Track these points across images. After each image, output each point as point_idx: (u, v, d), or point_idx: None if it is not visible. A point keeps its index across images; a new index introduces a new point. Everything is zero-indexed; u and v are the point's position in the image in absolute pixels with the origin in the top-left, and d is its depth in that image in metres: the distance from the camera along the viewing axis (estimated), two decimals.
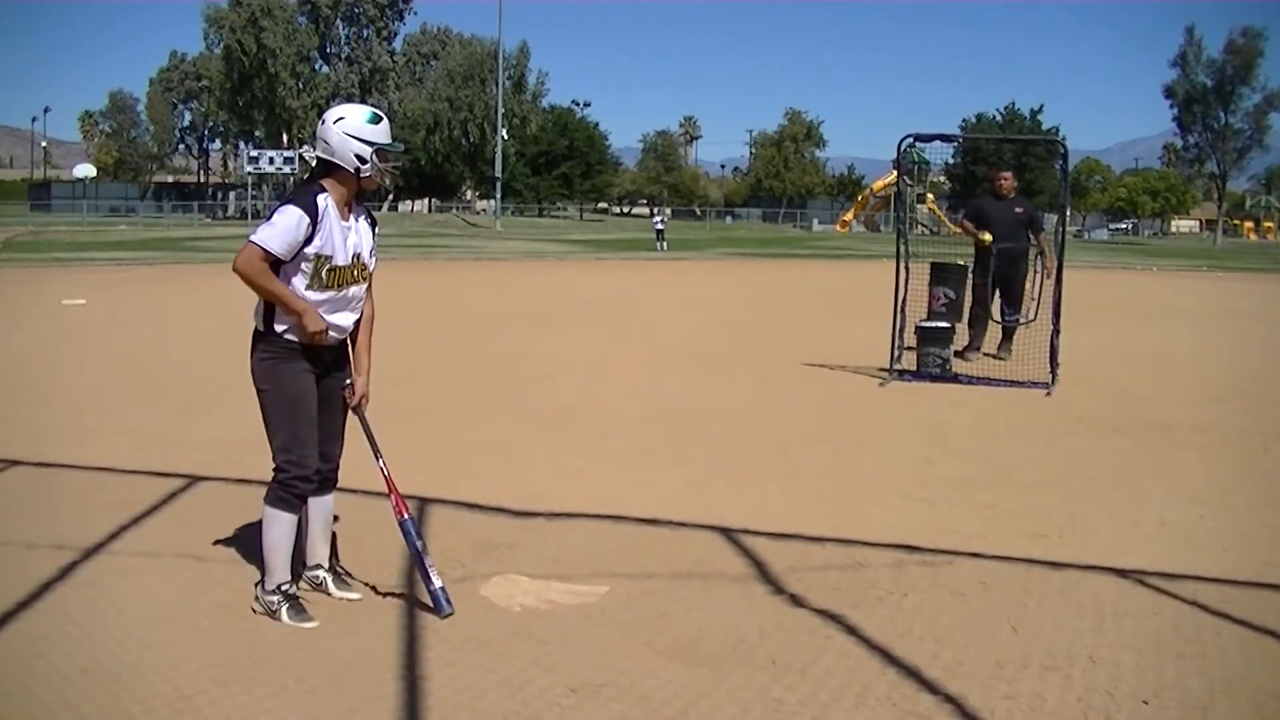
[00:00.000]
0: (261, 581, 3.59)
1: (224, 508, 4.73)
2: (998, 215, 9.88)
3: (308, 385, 3.56)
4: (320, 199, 3.49)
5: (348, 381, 3.72)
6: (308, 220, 3.44)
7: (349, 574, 3.91)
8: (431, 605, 3.57)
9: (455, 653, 3.27)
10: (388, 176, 3.66)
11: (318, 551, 3.80)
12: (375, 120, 3.58)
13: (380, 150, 3.55)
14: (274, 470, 3.55)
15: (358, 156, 3.51)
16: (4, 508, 4.77)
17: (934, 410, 7.63)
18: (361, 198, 3.66)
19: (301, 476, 3.53)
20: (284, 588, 3.55)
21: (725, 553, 4.34)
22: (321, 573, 3.79)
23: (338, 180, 3.54)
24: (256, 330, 3.57)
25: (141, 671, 3.08)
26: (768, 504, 5.09)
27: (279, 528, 3.54)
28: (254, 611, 3.57)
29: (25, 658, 3.16)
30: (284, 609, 3.52)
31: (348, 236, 3.57)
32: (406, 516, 3.70)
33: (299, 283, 3.48)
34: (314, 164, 3.59)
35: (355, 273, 3.61)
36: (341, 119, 3.55)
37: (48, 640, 3.29)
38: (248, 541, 4.22)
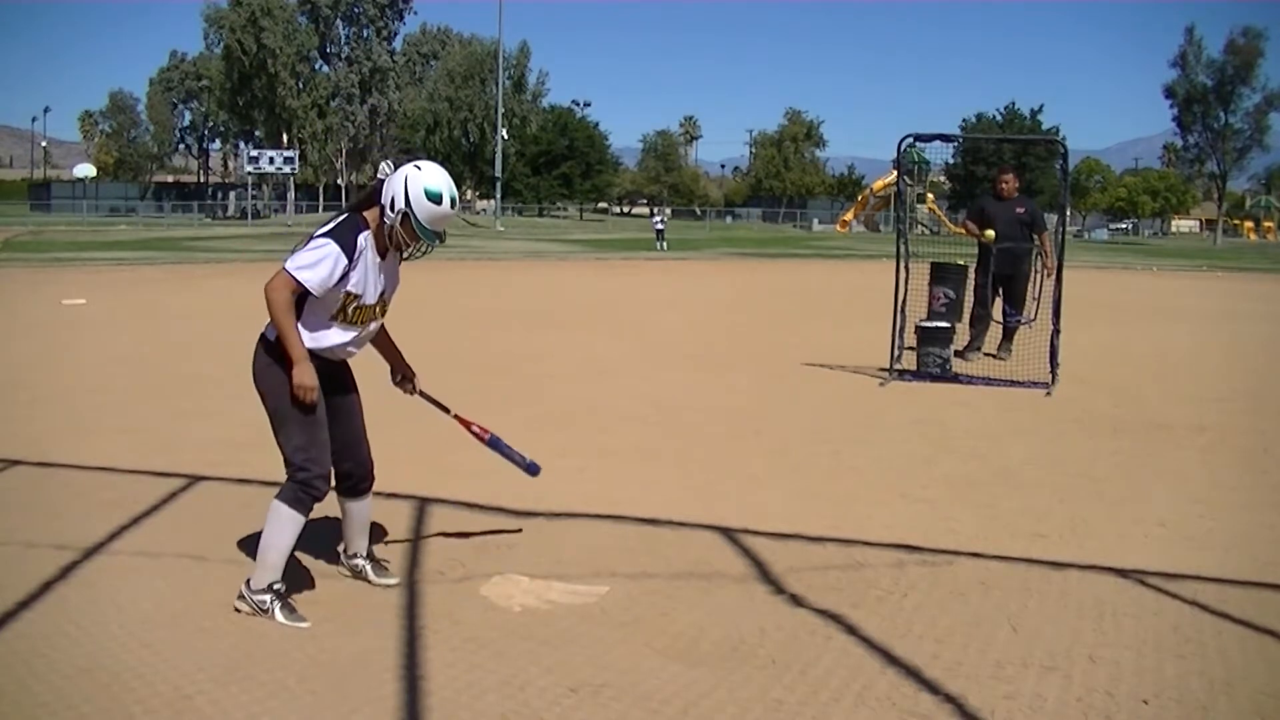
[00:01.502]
0: (249, 580, 3.55)
1: (224, 508, 4.73)
2: (999, 215, 9.87)
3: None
4: (361, 238, 3.47)
5: (400, 377, 4.05)
6: (345, 262, 3.42)
7: (386, 561, 3.98)
8: (526, 473, 4.29)
9: (455, 653, 3.27)
10: (403, 242, 3.52)
11: (356, 542, 3.88)
12: (436, 199, 3.45)
13: (409, 219, 3.45)
14: (293, 470, 3.49)
15: (391, 203, 3.46)
16: (4, 508, 4.77)
17: (934, 410, 7.63)
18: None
19: (321, 475, 3.50)
20: (275, 586, 3.52)
21: (725, 553, 4.34)
22: (360, 560, 3.87)
23: (376, 213, 3.52)
24: (267, 338, 3.53)
25: (141, 671, 3.07)
26: (768, 504, 5.08)
27: (288, 527, 3.49)
28: (236, 610, 3.53)
29: (25, 658, 3.16)
30: (276, 607, 3.49)
31: (380, 276, 3.58)
32: (490, 435, 4.16)
33: (326, 310, 3.50)
34: (376, 179, 3.56)
35: (379, 310, 3.66)
36: (419, 170, 3.48)
37: (48, 640, 3.29)
38: (248, 541, 4.21)
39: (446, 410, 4.17)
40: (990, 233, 9.69)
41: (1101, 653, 3.36)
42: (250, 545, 4.14)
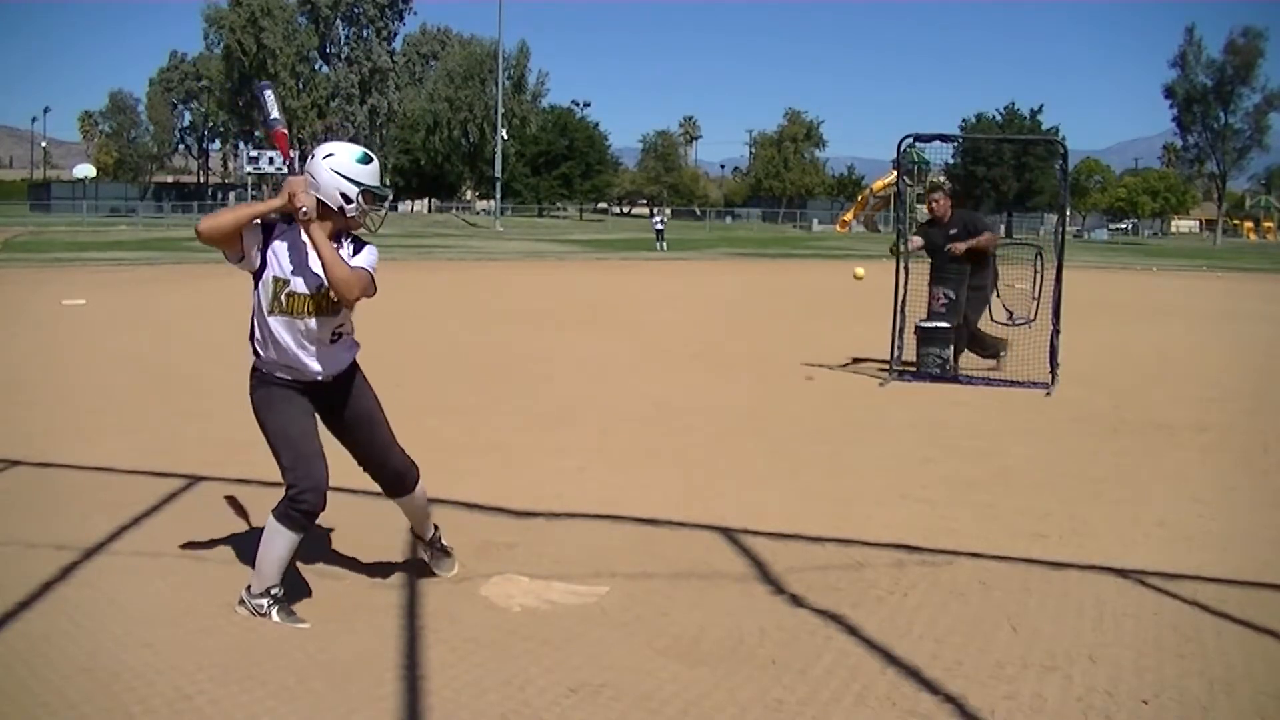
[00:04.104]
0: (249, 585, 3.55)
1: (224, 508, 4.73)
2: (934, 240, 9.34)
3: (295, 399, 3.55)
4: (281, 225, 3.49)
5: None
6: (259, 223, 3.47)
7: (447, 550, 4.03)
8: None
9: (455, 653, 3.27)
10: (375, 219, 3.59)
11: (418, 528, 3.98)
12: (365, 160, 3.54)
13: (367, 191, 3.52)
14: (285, 489, 3.48)
15: (343, 195, 3.47)
16: (4, 508, 4.77)
17: (934, 410, 7.63)
18: (347, 234, 3.57)
19: (312, 488, 3.44)
20: (273, 591, 3.51)
21: (725, 553, 4.34)
22: (423, 547, 3.97)
23: (322, 217, 3.47)
24: (255, 367, 3.60)
25: (141, 671, 3.07)
26: (768, 504, 5.08)
27: (282, 541, 3.48)
28: (236, 612, 3.53)
29: (25, 657, 3.16)
30: (274, 610, 3.49)
31: (309, 269, 3.48)
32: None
33: (262, 302, 3.50)
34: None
35: (321, 304, 3.50)
36: (331, 155, 3.51)
37: (48, 640, 3.29)
38: (248, 541, 4.22)
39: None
40: (916, 239, 9.21)
41: (1101, 653, 3.36)
42: (250, 545, 4.15)
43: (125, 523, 4.48)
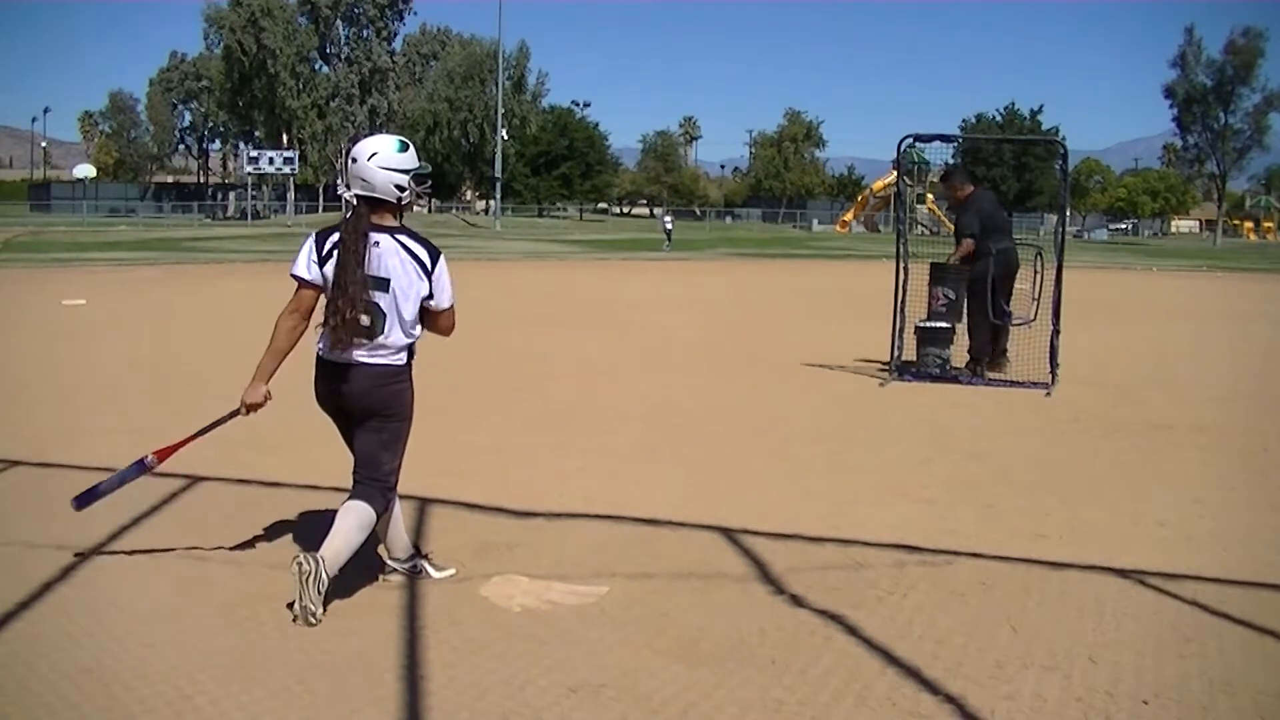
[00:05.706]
0: (325, 556, 3.53)
1: (224, 508, 4.73)
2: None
3: None
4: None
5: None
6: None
7: (423, 570, 4.02)
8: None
9: (455, 653, 3.27)
10: (422, 196, 3.87)
11: (411, 542, 4.05)
12: (404, 148, 3.72)
13: (415, 175, 3.73)
14: (391, 482, 3.79)
15: (397, 186, 3.68)
16: (4, 508, 4.77)
17: (934, 410, 7.63)
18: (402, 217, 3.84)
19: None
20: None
21: (725, 553, 4.34)
22: (419, 560, 4.05)
23: (383, 212, 3.70)
24: (402, 364, 3.91)
25: (142, 671, 3.07)
26: (768, 504, 5.08)
27: (367, 531, 3.70)
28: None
29: (26, 658, 3.16)
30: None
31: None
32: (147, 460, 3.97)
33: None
34: (354, 202, 3.70)
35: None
36: (375, 154, 3.66)
37: (48, 640, 3.29)
38: (248, 541, 4.23)
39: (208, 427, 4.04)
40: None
41: (1101, 653, 3.36)
42: (250, 545, 4.19)
43: (125, 523, 4.48)
